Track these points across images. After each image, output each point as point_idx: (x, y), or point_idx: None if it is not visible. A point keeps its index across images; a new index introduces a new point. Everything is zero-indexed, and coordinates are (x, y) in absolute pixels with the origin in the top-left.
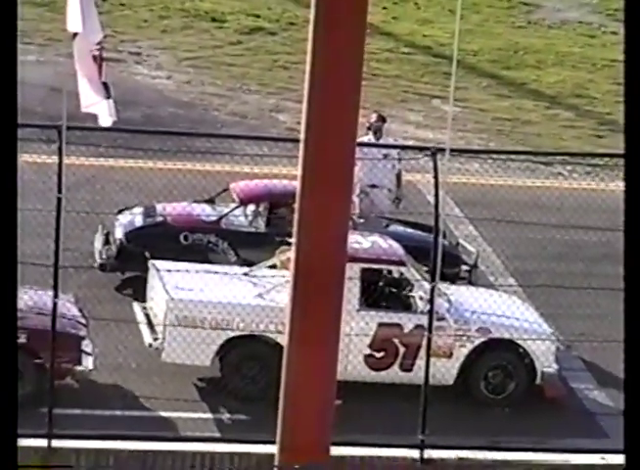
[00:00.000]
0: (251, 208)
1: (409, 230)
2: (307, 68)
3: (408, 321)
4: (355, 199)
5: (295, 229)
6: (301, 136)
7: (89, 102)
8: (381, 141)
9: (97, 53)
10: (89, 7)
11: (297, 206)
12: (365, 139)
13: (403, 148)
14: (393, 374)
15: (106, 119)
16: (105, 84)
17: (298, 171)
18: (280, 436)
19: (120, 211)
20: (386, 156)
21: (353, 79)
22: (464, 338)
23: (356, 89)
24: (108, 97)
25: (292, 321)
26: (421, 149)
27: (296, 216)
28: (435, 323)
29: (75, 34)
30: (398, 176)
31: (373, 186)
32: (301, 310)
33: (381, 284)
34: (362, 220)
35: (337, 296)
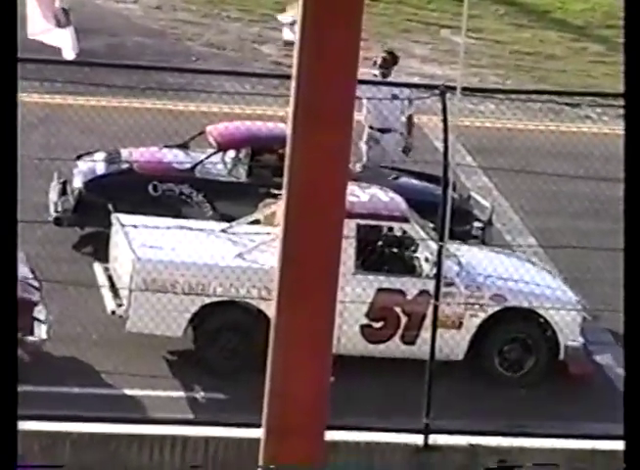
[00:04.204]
0: (230, 154)
1: (413, 181)
2: None
3: (412, 287)
4: (363, 146)
5: (284, 179)
6: (293, 71)
7: (38, 29)
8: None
9: None
10: None
11: (286, 152)
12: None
13: (408, 86)
14: (394, 347)
15: (69, 52)
16: (64, 10)
17: (289, 112)
18: (266, 418)
19: (79, 157)
20: (395, 96)
21: (354, 4)
22: (476, 306)
23: (357, 16)
24: (68, 25)
25: (280, 286)
26: (428, 87)
27: (285, 164)
28: (443, 289)
29: None
30: (409, 120)
31: (383, 130)
32: (292, 274)
33: (380, 244)
34: (361, 171)
35: (333, 257)
